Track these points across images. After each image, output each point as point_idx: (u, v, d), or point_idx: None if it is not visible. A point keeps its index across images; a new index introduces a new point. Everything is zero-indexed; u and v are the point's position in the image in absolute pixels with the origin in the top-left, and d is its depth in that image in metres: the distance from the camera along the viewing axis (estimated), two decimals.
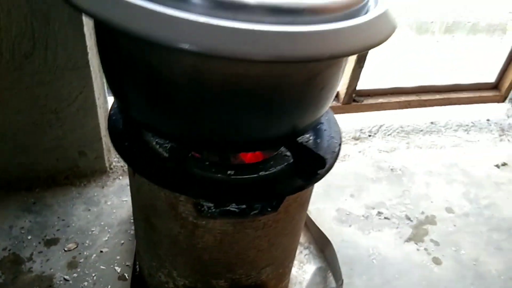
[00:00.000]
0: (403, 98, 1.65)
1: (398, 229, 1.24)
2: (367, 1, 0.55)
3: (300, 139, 0.73)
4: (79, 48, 1.01)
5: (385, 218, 1.27)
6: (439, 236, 1.24)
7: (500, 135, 1.72)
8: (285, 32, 0.42)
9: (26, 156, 1.17)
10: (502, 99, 1.79)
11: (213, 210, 0.67)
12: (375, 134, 1.64)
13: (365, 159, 1.51)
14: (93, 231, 1.12)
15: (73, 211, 1.17)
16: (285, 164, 0.68)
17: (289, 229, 0.77)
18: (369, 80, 1.61)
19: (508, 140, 1.70)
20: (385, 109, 1.65)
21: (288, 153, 0.69)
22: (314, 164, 0.65)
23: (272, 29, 0.42)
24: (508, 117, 1.82)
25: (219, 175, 0.65)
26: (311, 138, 0.74)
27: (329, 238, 1.12)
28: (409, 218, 1.28)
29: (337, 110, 1.58)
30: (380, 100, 1.62)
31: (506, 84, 1.75)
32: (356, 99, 1.59)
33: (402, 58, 1.64)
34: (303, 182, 0.65)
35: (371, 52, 1.47)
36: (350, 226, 1.24)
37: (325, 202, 1.30)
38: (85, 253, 1.07)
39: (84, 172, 1.26)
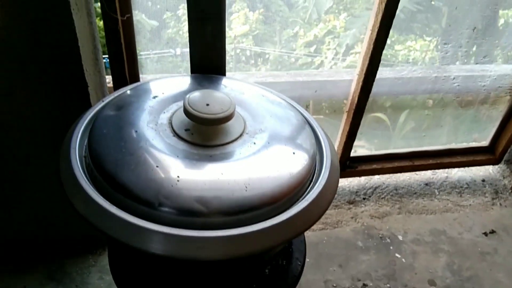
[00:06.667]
0: (396, 164, 1.74)
1: None
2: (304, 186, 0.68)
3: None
4: None
5: None
6: None
7: (493, 199, 1.79)
8: (219, 237, 0.56)
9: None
10: (497, 162, 1.85)
11: None
12: (369, 197, 1.74)
13: (357, 225, 1.61)
14: None
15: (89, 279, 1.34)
16: None
17: None
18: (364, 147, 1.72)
19: (500, 204, 1.77)
20: (379, 174, 1.75)
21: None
22: None
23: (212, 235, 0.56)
24: (504, 177, 1.88)
25: None
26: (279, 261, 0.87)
27: None
28: None
29: None
30: (374, 166, 1.72)
31: (500, 147, 1.82)
32: (350, 165, 1.70)
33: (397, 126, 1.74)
34: None
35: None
36: None
37: (314, 273, 1.42)
38: None
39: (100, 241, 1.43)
